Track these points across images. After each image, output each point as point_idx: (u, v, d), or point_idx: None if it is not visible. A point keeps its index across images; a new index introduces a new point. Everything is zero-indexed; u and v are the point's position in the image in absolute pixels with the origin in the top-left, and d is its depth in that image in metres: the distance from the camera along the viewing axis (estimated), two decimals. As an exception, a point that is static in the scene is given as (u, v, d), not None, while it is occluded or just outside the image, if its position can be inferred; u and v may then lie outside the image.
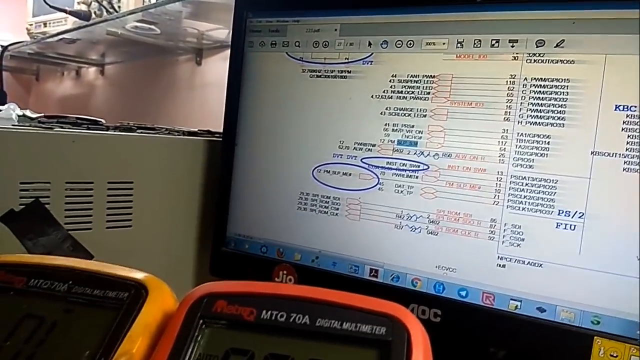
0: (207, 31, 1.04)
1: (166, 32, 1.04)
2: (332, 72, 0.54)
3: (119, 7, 1.04)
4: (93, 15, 1.11)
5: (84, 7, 1.12)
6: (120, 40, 1.13)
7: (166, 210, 0.59)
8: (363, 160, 0.52)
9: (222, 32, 1.03)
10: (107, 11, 1.04)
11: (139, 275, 0.28)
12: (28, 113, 0.58)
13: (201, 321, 0.24)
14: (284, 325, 0.24)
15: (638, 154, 0.41)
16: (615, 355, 0.42)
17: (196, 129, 0.70)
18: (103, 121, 0.62)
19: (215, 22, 0.96)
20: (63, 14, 1.18)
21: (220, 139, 0.61)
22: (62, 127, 0.54)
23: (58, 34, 1.18)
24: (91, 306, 0.27)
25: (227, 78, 0.60)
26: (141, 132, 0.61)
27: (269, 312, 0.24)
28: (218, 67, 1.14)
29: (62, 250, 0.52)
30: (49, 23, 1.26)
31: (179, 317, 0.25)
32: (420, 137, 0.49)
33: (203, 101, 1.19)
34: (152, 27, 0.98)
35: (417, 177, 0.50)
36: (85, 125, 0.58)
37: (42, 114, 0.58)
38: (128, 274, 0.28)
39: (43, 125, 0.53)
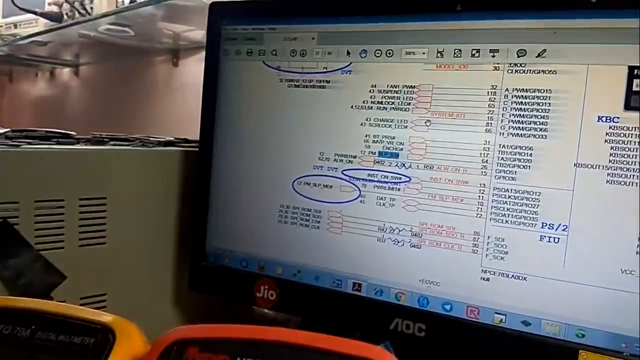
0: (183, 32, 1.02)
1: (140, 34, 1.01)
2: (310, 82, 0.52)
3: (92, 8, 1.01)
4: (65, 17, 1.08)
5: (55, 9, 1.09)
6: (93, 42, 1.10)
7: (142, 225, 0.57)
8: (344, 172, 0.51)
9: (199, 33, 1.01)
10: (79, 13, 1.01)
11: (106, 318, 0.26)
12: (-6, 128, 0.55)
13: (172, 370, 0.23)
14: (260, 373, 0.23)
15: (621, 165, 0.41)
16: (600, 368, 0.41)
17: (172, 138, 0.68)
18: (74, 134, 0.59)
19: (190, 24, 0.94)
20: (34, 15, 1.14)
21: (197, 149, 0.59)
22: (30, 143, 0.52)
23: (29, 36, 1.14)
24: (55, 353, 0.25)
25: (202, 87, 0.58)
26: (114, 144, 0.59)
27: (244, 360, 0.23)
28: (195, 68, 1.12)
29: (33, 271, 0.50)
30: (20, 24, 1.22)
31: (149, 366, 0.23)
32: (402, 149, 0.48)
33: (181, 103, 1.17)
34: (126, 29, 0.95)
35: (398, 190, 0.49)
36: (55, 140, 0.56)
37: (9, 129, 0.56)
38: (94, 317, 0.26)
39: (10, 142, 0.51)
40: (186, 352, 0.23)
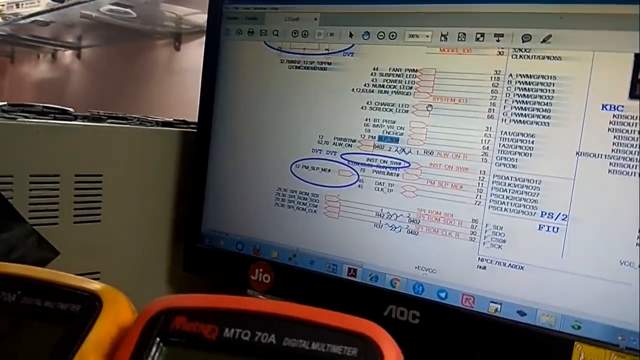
0: (186, 15, 1.01)
1: (143, 16, 1.00)
2: (311, 64, 0.52)
3: (94, -12, 1.00)
4: (67, -3, 1.06)
5: (57, -12, 1.08)
6: (95, 23, 1.09)
7: (137, 204, 0.57)
8: (343, 156, 0.51)
9: (201, 17, 0.99)
10: (82, -8, 1.00)
11: (93, 285, 0.25)
12: (-10, 101, 0.55)
13: (158, 339, 0.23)
14: (248, 344, 0.22)
15: (624, 155, 0.40)
16: (595, 360, 0.41)
17: (171, 119, 0.68)
18: (72, 110, 0.59)
19: (193, 6, 0.93)
20: (36, -5, 1.13)
21: (196, 130, 0.58)
22: (26, 117, 0.51)
23: (31, 15, 1.14)
24: (41, 319, 0.25)
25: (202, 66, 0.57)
26: (111, 122, 0.58)
27: (232, 330, 0.22)
28: (197, 53, 1.11)
29: (26, 246, 0.50)
30: (21, 4, 1.20)
31: (135, 334, 0.23)
32: (402, 134, 0.48)
33: (182, 87, 1.16)
34: (128, 10, 0.94)
35: (397, 175, 0.48)
36: (52, 115, 0.55)
37: (5, 103, 0.55)
38: (81, 283, 0.25)
39: (6, 115, 0.50)
40: (173, 321, 0.23)
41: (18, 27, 1.31)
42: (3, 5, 1.27)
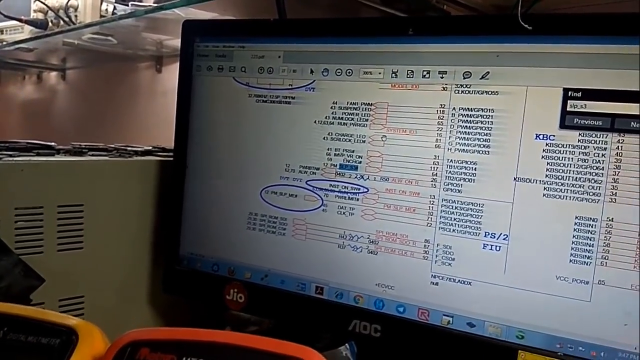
0: (165, 40, 1.05)
1: (124, 42, 1.04)
2: (277, 98, 0.56)
3: (76, 16, 1.03)
4: (50, 24, 1.10)
5: (40, 16, 1.11)
6: (78, 48, 1.12)
7: (118, 231, 0.60)
8: (308, 182, 0.55)
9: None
10: (64, 21, 1.03)
11: (70, 321, 0.29)
12: (-24, 139, 0.58)
13: (126, 368, 0.26)
14: (203, 370, 0.26)
15: (556, 180, 0.44)
16: (537, 366, 0.45)
17: (150, 147, 0.71)
18: (54, 144, 0.62)
19: (171, 35, 0.97)
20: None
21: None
22: (10, 155, 0.55)
23: (14, 43, 1.17)
24: (25, 352, 0.28)
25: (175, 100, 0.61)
26: (92, 154, 0.62)
27: (189, 359, 0.26)
28: (177, 75, 1.14)
29: (14, 275, 0.53)
30: (5, 30, 1.24)
31: (105, 365, 0.27)
32: (360, 162, 0.52)
33: (163, 108, 1.20)
34: (109, 37, 0.98)
35: (357, 200, 0.52)
36: (36, 151, 0.59)
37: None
38: (60, 320, 0.29)
39: (-9, 154, 0.54)
40: (138, 353, 0.27)
41: (3, 52, 1.34)
42: (-13, 32, 1.30)
